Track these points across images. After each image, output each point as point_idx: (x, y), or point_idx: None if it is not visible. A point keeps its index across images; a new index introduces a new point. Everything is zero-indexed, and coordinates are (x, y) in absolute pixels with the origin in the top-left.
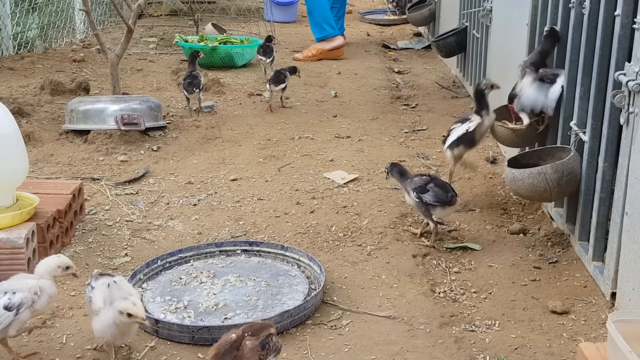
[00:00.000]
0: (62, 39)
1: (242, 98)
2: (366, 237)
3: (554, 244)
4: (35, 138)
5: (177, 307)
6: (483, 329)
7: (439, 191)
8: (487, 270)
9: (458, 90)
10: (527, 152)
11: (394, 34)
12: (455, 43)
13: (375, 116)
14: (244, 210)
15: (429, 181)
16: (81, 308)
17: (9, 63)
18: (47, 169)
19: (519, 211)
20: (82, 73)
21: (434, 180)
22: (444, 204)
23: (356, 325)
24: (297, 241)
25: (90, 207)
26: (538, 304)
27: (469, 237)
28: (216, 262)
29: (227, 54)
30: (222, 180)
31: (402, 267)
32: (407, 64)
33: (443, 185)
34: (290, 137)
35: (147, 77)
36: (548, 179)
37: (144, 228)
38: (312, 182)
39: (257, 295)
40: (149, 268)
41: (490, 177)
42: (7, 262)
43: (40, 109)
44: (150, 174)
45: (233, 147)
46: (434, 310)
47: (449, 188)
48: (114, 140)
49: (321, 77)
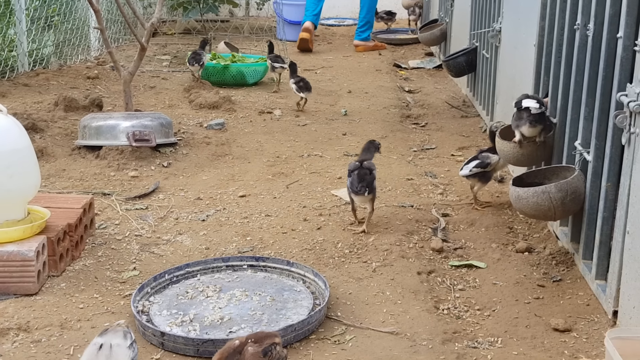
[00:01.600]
0: (77, 56)
1: (252, 115)
2: (372, 254)
3: (558, 263)
4: (48, 153)
5: (182, 321)
6: (485, 345)
7: (355, 180)
8: (492, 288)
9: (468, 109)
10: (532, 171)
11: (406, 53)
12: (465, 63)
13: (385, 134)
14: (252, 226)
15: (356, 167)
16: (89, 320)
17: (24, 79)
18: (59, 183)
19: (525, 230)
20: (96, 90)
21: (360, 169)
22: (354, 192)
23: (359, 341)
24: (304, 257)
25: (101, 222)
26: (541, 322)
27: (475, 255)
28: (223, 276)
29: (238, 71)
30: (231, 196)
31: (407, 283)
32: (418, 83)
33: (362, 176)
34: (300, 154)
35: (160, 95)
36: (552, 198)
37: (153, 243)
38: (319, 199)
39: (262, 309)
40: (157, 282)
41: (497, 195)
42: (18, 274)
43: (54, 125)
44: (160, 190)
45: (242, 164)
46: (437, 327)
47: (365, 179)
48: (126, 156)
49: (332, 96)
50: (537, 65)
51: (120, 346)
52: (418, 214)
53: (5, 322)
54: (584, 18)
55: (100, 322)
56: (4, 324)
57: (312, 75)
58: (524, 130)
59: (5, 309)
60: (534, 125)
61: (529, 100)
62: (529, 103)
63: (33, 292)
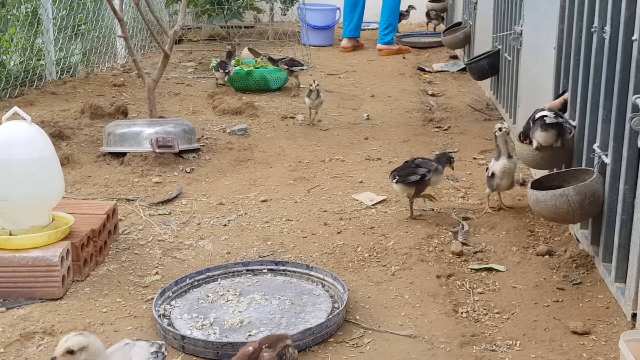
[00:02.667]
0: (104, 64)
1: (275, 121)
2: (391, 258)
3: (578, 266)
4: (74, 160)
5: (203, 324)
6: (504, 348)
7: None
8: (511, 292)
9: (491, 112)
10: (551, 175)
11: (430, 56)
12: (487, 66)
13: (407, 138)
14: (273, 230)
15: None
16: (112, 324)
17: (52, 88)
18: (84, 189)
19: (547, 233)
20: (122, 97)
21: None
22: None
23: (377, 344)
24: (323, 261)
25: (124, 227)
26: (560, 325)
27: (495, 258)
28: (243, 280)
29: (261, 77)
30: (253, 201)
31: (426, 287)
32: (441, 86)
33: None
34: (321, 159)
35: (184, 101)
36: (570, 201)
37: (175, 247)
38: (340, 203)
39: (281, 313)
40: (178, 286)
41: (519, 199)
42: (43, 280)
43: (80, 132)
44: (183, 195)
45: (264, 169)
46: (455, 330)
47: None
48: (149, 162)
49: (354, 100)
50: (557, 68)
51: (143, 347)
52: (438, 217)
53: (31, 326)
54: (600, 21)
55: (123, 326)
56: (30, 328)
57: (335, 79)
58: (537, 136)
59: (30, 313)
60: (547, 130)
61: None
62: (543, 113)
63: (58, 297)
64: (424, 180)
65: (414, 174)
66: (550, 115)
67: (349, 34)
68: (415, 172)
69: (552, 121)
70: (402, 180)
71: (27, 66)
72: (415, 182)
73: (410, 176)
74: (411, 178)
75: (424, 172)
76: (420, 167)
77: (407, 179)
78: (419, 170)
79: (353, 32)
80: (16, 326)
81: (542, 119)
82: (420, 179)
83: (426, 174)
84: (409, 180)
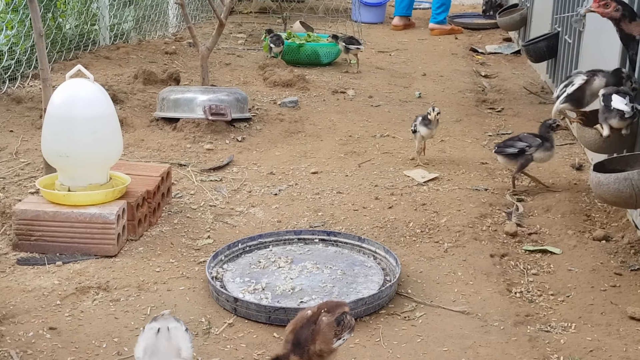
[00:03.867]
0: (156, 31)
1: (325, 95)
2: (443, 235)
3: (637, 252)
4: (127, 124)
5: (255, 289)
6: (558, 330)
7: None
8: (566, 274)
9: (546, 96)
10: (614, 158)
11: (483, 38)
12: (546, 48)
13: (459, 118)
14: (323, 202)
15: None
16: (165, 283)
17: (105, 52)
18: (137, 153)
19: (603, 218)
20: (173, 65)
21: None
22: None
23: (429, 318)
24: (374, 234)
25: (177, 191)
26: (617, 310)
27: (550, 241)
28: (294, 249)
29: (313, 51)
30: (303, 172)
31: (479, 265)
32: (494, 68)
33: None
34: (372, 134)
35: (235, 71)
36: (634, 185)
37: (226, 213)
38: (391, 179)
39: (332, 282)
40: (230, 250)
41: (575, 183)
42: (99, 236)
43: (133, 97)
44: (234, 163)
45: (315, 142)
46: (509, 309)
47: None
48: (201, 129)
49: (406, 78)
50: (623, 52)
51: (178, 329)
52: (492, 197)
53: (87, 280)
54: None
55: (175, 286)
56: (85, 282)
57: (386, 57)
58: (613, 123)
59: (86, 269)
60: (624, 120)
61: (619, 98)
62: (620, 104)
63: (112, 254)
64: (524, 155)
65: (512, 147)
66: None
67: (401, 12)
68: (514, 146)
69: (630, 114)
70: (499, 151)
71: (82, 30)
72: (515, 156)
73: (508, 148)
74: (508, 150)
75: (523, 147)
76: (520, 141)
77: (505, 150)
78: (517, 144)
79: (405, 10)
80: (72, 280)
81: (620, 111)
82: (519, 153)
83: (525, 148)
84: (505, 152)
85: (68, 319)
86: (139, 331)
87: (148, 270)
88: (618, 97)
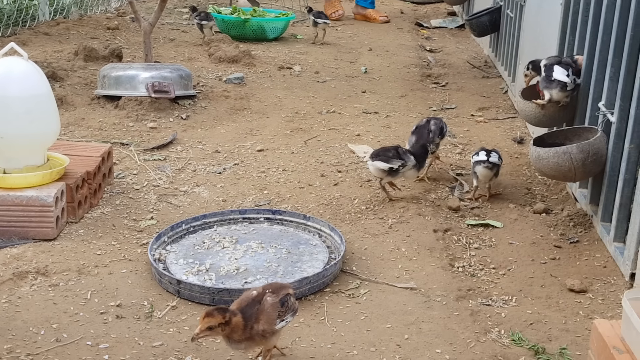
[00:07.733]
0: (97, 6)
1: (272, 71)
2: (388, 211)
3: (576, 224)
4: (67, 102)
5: (199, 270)
6: (499, 303)
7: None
8: (507, 248)
9: (489, 70)
10: (553, 132)
11: (428, 12)
12: (488, 22)
13: (404, 93)
14: (269, 180)
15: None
16: (106, 267)
17: (45, 28)
18: (78, 132)
19: (543, 191)
20: (116, 41)
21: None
22: None
23: (374, 295)
24: (320, 212)
25: (119, 171)
26: (556, 282)
27: (492, 214)
28: (239, 228)
29: (259, 26)
30: (249, 150)
31: (423, 240)
32: (439, 42)
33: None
34: (318, 111)
35: (179, 47)
36: (573, 159)
37: (170, 193)
38: (337, 155)
39: (277, 261)
40: (174, 231)
41: (516, 156)
42: (37, 220)
43: (74, 74)
44: (179, 142)
45: (261, 119)
46: (451, 284)
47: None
48: (144, 107)
49: (352, 53)
50: (563, 25)
51: None
52: (436, 173)
53: (24, 265)
54: None
55: (117, 269)
56: (23, 267)
57: (332, 31)
58: (553, 94)
59: (24, 253)
60: (565, 91)
61: (561, 70)
62: (562, 76)
63: (51, 238)
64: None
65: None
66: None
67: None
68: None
69: (572, 86)
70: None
71: (20, 5)
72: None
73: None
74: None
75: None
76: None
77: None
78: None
79: None
80: (9, 265)
81: (562, 82)
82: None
83: (399, 168)
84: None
85: (5, 306)
86: (78, 316)
87: (89, 253)
88: (560, 68)
